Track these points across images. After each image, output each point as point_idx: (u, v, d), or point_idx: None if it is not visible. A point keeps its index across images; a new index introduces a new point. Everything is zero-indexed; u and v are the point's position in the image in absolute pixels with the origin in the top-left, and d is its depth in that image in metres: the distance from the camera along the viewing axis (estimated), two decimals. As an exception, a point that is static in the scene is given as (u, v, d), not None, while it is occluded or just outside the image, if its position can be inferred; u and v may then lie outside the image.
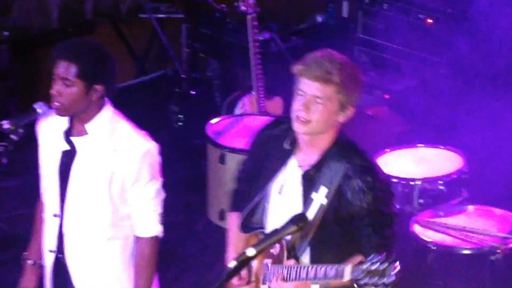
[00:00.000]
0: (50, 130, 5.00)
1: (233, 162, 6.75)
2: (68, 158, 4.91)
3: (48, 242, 5.03)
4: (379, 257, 4.11)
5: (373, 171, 4.59)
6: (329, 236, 4.61)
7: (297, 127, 4.58)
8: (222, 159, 6.78)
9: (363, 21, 8.46)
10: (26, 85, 7.88)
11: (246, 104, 7.28)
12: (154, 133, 5.00)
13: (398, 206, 6.56)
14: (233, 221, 5.07)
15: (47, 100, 4.85)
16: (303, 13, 8.82)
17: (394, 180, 6.61)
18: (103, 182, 4.87)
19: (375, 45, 8.38)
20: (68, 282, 5.05)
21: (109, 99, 4.91)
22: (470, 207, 6.42)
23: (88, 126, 4.87)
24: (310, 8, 8.94)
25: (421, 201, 6.56)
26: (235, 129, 6.98)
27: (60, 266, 5.03)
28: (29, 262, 5.18)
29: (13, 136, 4.83)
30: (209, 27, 8.19)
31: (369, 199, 4.53)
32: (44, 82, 4.93)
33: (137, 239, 4.99)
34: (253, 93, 7.21)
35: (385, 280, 4.08)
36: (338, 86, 4.51)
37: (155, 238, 4.98)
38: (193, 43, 8.29)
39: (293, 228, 4.38)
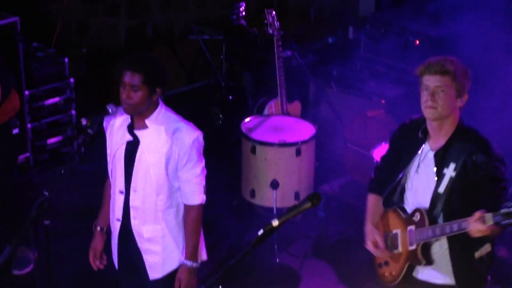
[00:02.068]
0: (116, 125, 5.02)
1: (262, 152, 6.77)
2: (132, 147, 4.93)
3: (116, 212, 5.06)
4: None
5: (490, 148, 4.55)
6: (456, 203, 4.57)
7: (428, 112, 4.56)
8: (253, 150, 6.78)
9: (365, 42, 8.44)
10: (100, 90, 7.87)
11: (272, 106, 7.28)
12: (199, 129, 5.01)
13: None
14: (370, 200, 5.03)
15: (116, 101, 4.88)
16: (318, 36, 8.77)
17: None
18: (161, 164, 4.89)
19: (374, 61, 8.35)
20: (131, 243, 5.07)
21: (161, 99, 4.94)
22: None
23: (147, 121, 4.89)
24: (323, 31, 8.90)
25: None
26: (263, 126, 6.98)
27: (125, 231, 5.05)
28: (98, 228, 5.20)
29: (89, 131, 4.85)
30: (243, 46, 8.17)
31: (490, 169, 4.51)
32: (114, 88, 4.95)
33: (187, 207, 5.01)
34: (278, 98, 7.20)
35: None
36: (453, 76, 4.53)
37: (200, 205, 5.00)
38: (231, 58, 8.29)
39: (308, 204, 4.35)
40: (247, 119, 7.06)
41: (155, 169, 4.90)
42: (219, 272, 4.28)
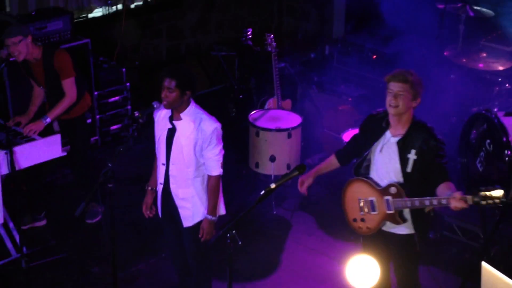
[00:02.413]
0: (161, 116, 5.03)
1: (263, 135, 6.77)
2: (171, 132, 4.95)
3: (159, 178, 5.08)
4: (487, 187, 4.24)
5: (436, 135, 4.59)
6: (418, 179, 4.57)
7: (391, 110, 4.58)
8: (257, 134, 6.78)
9: (337, 57, 8.40)
10: (147, 92, 7.88)
11: (271, 103, 7.26)
12: (218, 119, 5.01)
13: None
14: (330, 158, 5.08)
15: (159, 99, 4.88)
16: (303, 52, 8.75)
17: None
18: (190, 146, 4.91)
19: (343, 70, 8.32)
20: (170, 201, 5.09)
21: (192, 98, 4.94)
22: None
23: (182, 114, 4.90)
24: (307, 49, 8.88)
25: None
26: (264, 117, 6.97)
27: (165, 192, 5.08)
28: (149, 188, 5.22)
29: (140, 120, 4.85)
30: (250, 59, 8.15)
31: (439, 152, 4.55)
32: (157, 90, 4.94)
33: (209, 177, 5.02)
34: (275, 97, 7.19)
35: (496, 201, 4.22)
36: (411, 84, 4.54)
37: (219, 176, 5.02)
38: (241, 68, 8.27)
39: (296, 172, 4.33)
40: (253, 112, 7.04)
41: (186, 149, 4.92)
42: (232, 222, 4.29)
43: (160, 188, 5.11)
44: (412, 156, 4.55)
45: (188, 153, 4.93)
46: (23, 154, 5.77)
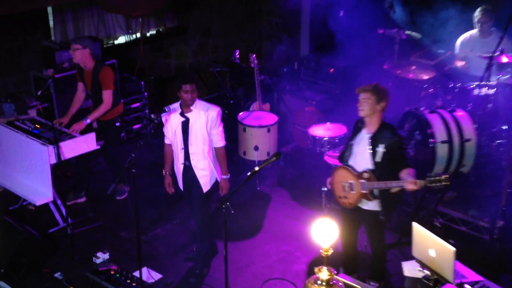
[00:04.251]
0: (170, 117, 5.02)
1: (249, 131, 6.76)
2: (185, 123, 5.00)
3: (180, 160, 5.08)
4: (436, 173, 4.35)
5: (399, 134, 4.62)
6: (385, 167, 4.58)
7: (359, 113, 4.61)
8: (244, 130, 6.78)
9: (304, 71, 8.41)
10: (160, 99, 7.86)
11: (254, 106, 7.25)
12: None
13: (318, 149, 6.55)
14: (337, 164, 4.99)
15: (170, 103, 4.88)
16: (278, 67, 8.75)
17: (318, 136, 6.51)
18: (204, 128, 5.01)
19: (309, 81, 8.31)
20: (189, 174, 5.12)
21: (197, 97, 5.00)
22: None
23: (192, 107, 4.97)
24: (281, 65, 8.88)
25: (328, 146, 6.48)
26: (250, 117, 6.97)
27: (186, 169, 5.11)
28: (166, 173, 5.23)
29: (155, 121, 4.86)
30: (238, 73, 8.13)
31: (400, 146, 4.57)
32: (167, 98, 4.96)
33: (218, 149, 5.11)
34: (257, 101, 7.19)
35: (442, 183, 4.24)
36: (371, 92, 4.55)
37: (224, 146, 5.11)
38: (231, 81, 8.25)
39: (274, 158, 4.33)
40: (241, 113, 7.04)
41: (201, 131, 4.97)
42: (226, 196, 4.31)
43: (181, 167, 5.11)
44: (380, 149, 4.56)
45: (203, 134, 4.97)
46: (67, 148, 5.76)
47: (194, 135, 4.98)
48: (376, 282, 4.83)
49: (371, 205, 4.70)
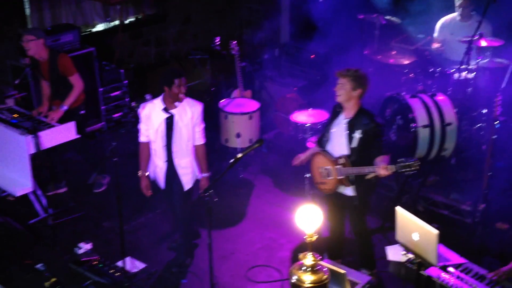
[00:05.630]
0: (152, 113, 4.93)
1: (231, 118, 6.74)
2: (170, 120, 4.89)
3: (162, 158, 4.98)
4: (405, 159, 4.28)
5: (377, 120, 4.57)
6: (361, 153, 4.56)
7: (337, 98, 4.58)
8: (226, 117, 6.75)
9: (284, 57, 8.41)
10: (140, 88, 7.76)
11: (235, 93, 7.23)
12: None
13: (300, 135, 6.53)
14: (312, 147, 5.01)
15: (150, 93, 4.82)
16: (259, 54, 8.71)
17: (301, 123, 6.48)
18: (190, 124, 4.90)
19: (289, 67, 8.32)
20: (171, 172, 5.03)
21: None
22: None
23: (176, 104, 4.85)
24: (262, 52, 8.83)
25: (310, 132, 6.46)
26: (231, 104, 6.94)
27: (170, 166, 5.02)
28: (143, 173, 5.13)
29: (137, 109, 4.80)
30: (219, 61, 8.09)
31: (377, 133, 4.53)
32: (150, 86, 4.88)
33: (198, 146, 5.02)
34: (238, 88, 7.15)
35: (412, 168, 4.24)
36: (348, 78, 4.51)
37: (204, 144, 5.03)
38: (212, 67, 8.19)
39: (257, 145, 4.34)
40: (222, 100, 7.00)
41: (185, 128, 4.89)
42: (210, 183, 4.28)
43: (163, 165, 5.01)
44: (357, 135, 4.54)
45: (187, 131, 4.90)
46: (46, 138, 5.68)
47: (179, 132, 4.89)
48: (367, 270, 4.84)
49: (349, 191, 4.71)
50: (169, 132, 4.89)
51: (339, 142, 4.63)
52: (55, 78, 5.96)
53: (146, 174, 5.11)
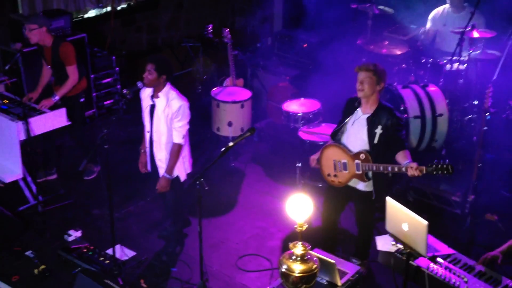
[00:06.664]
0: (145, 95, 4.93)
1: (223, 106, 6.70)
2: (152, 108, 4.86)
3: (147, 143, 5.00)
4: (437, 161, 4.17)
5: (397, 115, 4.51)
6: (382, 149, 4.49)
7: (359, 93, 4.49)
8: (218, 105, 6.71)
9: (277, 46, 8.37)
10: (132, 74, 7.70)
11: (227, 82, 7.19)
12: (187, 95, 4.93)
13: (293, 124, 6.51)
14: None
15: (142, 80, 4.77)
16: (252, 43, 8.68)
17: (293, 112, 6.47)
18: (164, 117, 4.83)
19: (282, 56, 8.29)
20: (153, 157, 5.01)
21: (169, 81, 4.83)
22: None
23: (159, 93, 4.81)
24: (255, 40, 8.80)
25: (302, 121, 6.44)
26: (223, 92, 6.90)
27: (151, 153, 5.01)
28: (142, 150, 5.12)
29: (128, 96, 4.75)
30: (211, 49, 8.03)
31: (398, 127, 4.46)
32: (140, 73, 4.83)
33: (173, 144, 4.92)
34: (231, 77, 7.12)
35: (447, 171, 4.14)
36: (373, 72, 4.44)
37: (179, 144, 4.90)
38: (204, 55, 8.15)
39: (248, 134, 4.31)
40: (214, 89, 6.96)
41: (162, 120, 4.85)
42: (201, 172, 4.26)
43: (148, 150, 5.03)
44: (378, 130, 4.47)
45: (163, 123, 4.86)
46: (36, 124, 5.64)
47: (157, 122, 4.88)
48: (358, 260, 4.84)
49: (363, 186, 4.66)
50: (151, 119, 4.90)
51: (357, 137, 4.56)
52: (57, 64, 5.93)
53: (142, 151, 5.11)
